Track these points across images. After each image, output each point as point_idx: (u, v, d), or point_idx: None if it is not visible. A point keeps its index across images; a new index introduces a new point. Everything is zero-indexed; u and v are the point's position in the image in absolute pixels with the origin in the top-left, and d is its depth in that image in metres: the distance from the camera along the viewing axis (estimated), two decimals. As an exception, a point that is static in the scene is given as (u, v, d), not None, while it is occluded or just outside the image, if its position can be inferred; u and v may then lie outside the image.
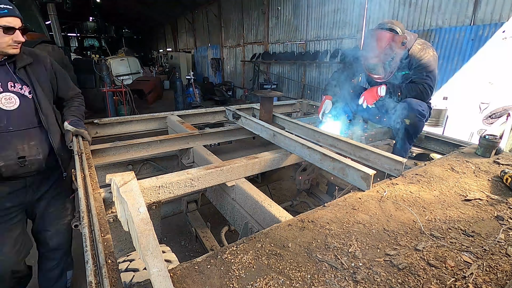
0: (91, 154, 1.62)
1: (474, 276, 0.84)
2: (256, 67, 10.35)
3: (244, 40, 11.55)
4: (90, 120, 2.35)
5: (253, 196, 1.44)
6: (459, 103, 4.93)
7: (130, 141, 1.95)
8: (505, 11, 4.23)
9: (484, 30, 4.47)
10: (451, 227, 1.07)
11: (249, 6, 10.66)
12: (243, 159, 1.63)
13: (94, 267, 0.78)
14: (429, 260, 0.90)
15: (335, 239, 1.00)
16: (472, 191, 1.33)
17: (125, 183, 1.13)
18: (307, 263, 0.89)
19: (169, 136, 2.11)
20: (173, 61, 16.03)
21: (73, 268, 2.09)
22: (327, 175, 2.33)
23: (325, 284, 0.81)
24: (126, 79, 11.10)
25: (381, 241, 1.00)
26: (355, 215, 1.15)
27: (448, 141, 2.05)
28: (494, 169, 1.56)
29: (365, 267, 0.87)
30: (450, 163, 1.64)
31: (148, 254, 0.80)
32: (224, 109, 2.81)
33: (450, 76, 5.06)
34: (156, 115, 2.68)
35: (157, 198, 1.36)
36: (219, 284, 0.80)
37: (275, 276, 0.83)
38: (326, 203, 1.25)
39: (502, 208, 1.20)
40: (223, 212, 1.82)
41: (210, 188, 1.83)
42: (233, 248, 0.95)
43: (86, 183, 1.23)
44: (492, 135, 1.72)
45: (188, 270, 0.85)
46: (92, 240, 0.89)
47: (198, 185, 1.47)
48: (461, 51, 4.83)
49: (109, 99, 7.39)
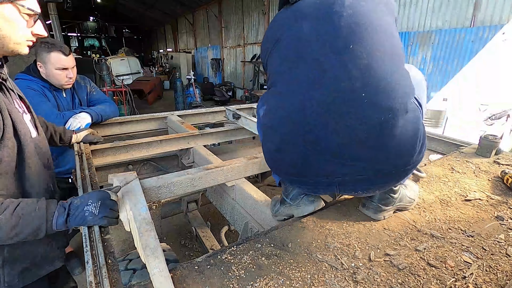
0: (91, 154, 1.62)
1: (474, 276, 0.84)
2: (256, 67, 10.36)
3: (245, 41, 11.56)
4: (90, 120, 2.35)
5: (253, 196, 1.44)
6: (459, 104, 4.93)
7: (130, 141, 1.95)
8: (505, 13, 4.24)
9: (484, 32, 4.47)
10: (451, 227, 1.07)
11: (249, 7, 10.67)
12: (243, 159, 1.63)
13: (94, 267, 0.78)
14: (429, 260, 0.90)
15: (335, 239, 1.00)
16: (472, 191, 1.33)
17: (127, 183, 1.13)
18: (307, 263, 0.89)
19: (169, 136, 2.11)
20: (173, 61, 16.04)
21: None
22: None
23: (325, 284, 0.81)
24: (126, 79, 11.10)
25: (381, 241, 1.00)
26: (355, 215, 1.15)
27: (448, 141, 2.05)
28: (494, 169, 1.56)
29: (365, 267, 0.87)
30: (450, 163, 1.64)
31: (149, 254, 0.80)
32: (224, 109, 2.81)
33: (450, 78, 5.07)
34: (156, 115, 2.68)
35: (157, 198, 1.36)
36: (219, 284, 0.80)
37: (275, 276, 0.83)
38: (326, 203, 1.25)
39: (502, 208, 1.20)
40: (223, 212, 1.82)
41: (210, 188, 1.82)
42: (233, 248, 0.95)
43: (86, 183, 1.23)
44: (492, 135, 1.72)
45: (188, 270, 0.85)
46: (92, 240, 0.89)
47: (198, 185, 1.47)
48: (461, 52, 4.83)
49: (109, 99, 7.39)
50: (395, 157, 0.91)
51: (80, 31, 24.05)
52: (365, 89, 0.84)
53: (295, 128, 0.94)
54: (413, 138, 0.91)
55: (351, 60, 0.85)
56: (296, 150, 0.95)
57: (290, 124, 0.95)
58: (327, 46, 0.89)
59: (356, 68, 0.85)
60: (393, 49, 0.90)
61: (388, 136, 0.87)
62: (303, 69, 0.92)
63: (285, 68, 0.97)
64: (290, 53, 0.96)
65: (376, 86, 0.85)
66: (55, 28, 8.22)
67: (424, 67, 5.44)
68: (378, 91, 0.84)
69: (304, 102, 0.90)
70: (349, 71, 0.85)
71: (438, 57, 5.18)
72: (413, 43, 5.53)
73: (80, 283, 2.39)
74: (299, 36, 0.94)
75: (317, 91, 0.89)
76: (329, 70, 0.88)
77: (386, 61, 0.87)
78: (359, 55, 0.85)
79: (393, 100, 0.85)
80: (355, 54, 0.85)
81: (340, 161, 0.91)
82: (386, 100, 0.85)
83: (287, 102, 0.95)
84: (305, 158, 0.95)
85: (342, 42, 0.87)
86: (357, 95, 0.85)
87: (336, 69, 0.87)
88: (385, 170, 0.93)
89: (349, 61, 0.86)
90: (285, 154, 0.99)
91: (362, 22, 0.87)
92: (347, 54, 0.86)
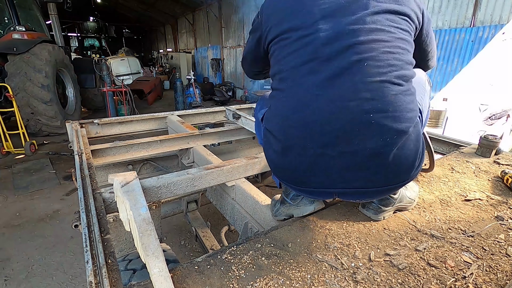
0: (91, 154, 1.62)
1: (474, 276, 0.84)
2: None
3: (245, 41, 11.55)
4: (90, 120, 2.35)
5: (253, 196, 1.44)
6: (459, 104, 4.93)
7: (130, 141, 1.95)
8: (505, 13, 4.24)
9: (484, 31, 4.47)
10: (451, 227, 1.07)
11: (249, 7, 10.66)
12: (243, 159, 1.63)
13: (94, 267, 0.78)
14: (429, 260, 0.90)
15: (335, 239, 1.00)
16: (472, 191, 1.33)
17: (127, 183, 1.13)
18: (307, 263, 0.89)
19: (169, 136, 2.11)
20: (173, 61, 16.04)
21: None
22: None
23: (325, 284, 0.81)
24: (126, 79, 11.10)
25: (381, 241, 1.00)
26: (355, 215, 1.15)
27: (448, 141, 2.05)
28: (494, 169, 1.56)
29: (365, 267, 0.87)
30: (450, 163, 1.64)
31: (149, 255, 0.80)
32: (224, 109, 2.81)
33: (450, 78, 5.07)
34: (156, 115, 2.68)
35: (157, 198, 1.36)
36: (219, 284, 0.80)
37: (275, 276, 0.83)
38: (326, 203, 1.25)
39: (502, 208, 1.20)
40: (223, 212, 1.82)
41: (210, 188, 1.82)
42: (233, 248, 0.95)
43: (86, 183, 1.23)
44: (492, 135, 1.72)
45: (188, 270, 0.85)
46: (92, 240, 0.89)
47: (198, 185, 1.47)
48: (461, 52, 4.83)
49: (109, 99, 7.39)
50: (394, 177, 0.93)
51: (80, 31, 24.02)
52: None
53: (303, 134, 0.91)
54: (414, 156, 0.91)
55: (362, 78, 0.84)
56: (302, 158, 0.93)
57: (299, 130, 0.91)
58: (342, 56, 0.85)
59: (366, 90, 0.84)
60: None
61: (389, 158, 0.87)
62: (316, 74, 0.88)
63: (299, 68, 0.91)
64: (305, 53, 0.90)
65: (385, 109, 0.84)
66: (55, 28, 8.23)
67: (424, 67, 5.44)
68: (387, 115, 0.84)
69: (315, 111, 0.88)
70: (359, 91, 0.84)
71: (438, 57, 5.18)
72: (413, 43, 5.52)
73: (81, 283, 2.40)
74: (316, 37, 0.88)
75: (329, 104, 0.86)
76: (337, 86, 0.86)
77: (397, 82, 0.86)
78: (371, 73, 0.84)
79: (399, 123, 0.85)
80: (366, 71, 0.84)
81: (341, 177, 0.92)
82: (393, 123, 0.84)
83: (297, 108, 0.91)
84: (310, 167, 0.93)
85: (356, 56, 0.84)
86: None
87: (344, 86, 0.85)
88: (384, 187, 0.95)
89: (359, 80, 0.84)
90: (290, 159, 0.96)
91: (381, 39, 0.86)
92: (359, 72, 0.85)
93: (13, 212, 3.47)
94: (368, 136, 0.85)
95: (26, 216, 3.39)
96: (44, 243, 2.90)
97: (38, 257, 2.71)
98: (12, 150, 5.27)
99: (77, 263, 2.64)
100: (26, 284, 2.40)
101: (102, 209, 1.07)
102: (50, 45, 6.44)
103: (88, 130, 2.32)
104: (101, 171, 2.01)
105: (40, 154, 5.33)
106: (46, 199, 3.79)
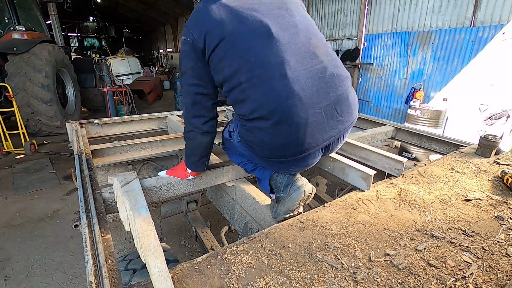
0: (91, 154, 1.62)
1: (474, 276, 0.84)
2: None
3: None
4: (90, 120, 2.35)
5: (253, 196, 1.44)
6: (459, 104, 4.93)
7: (130, 141, 1.95)
8: (505, 13, 4.24)
9: (484, 32, 4.47)
10: (451, 227, 1.07)
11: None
12: (243, 159, 1.62)
13: (94, 267, 0.78)
14: (429, 260, 0.90)
15: (335, 239, 1.00)
16: (472, 191, 1.33)
17: (127, 183, 1.13)
18: (307, 263, 0.89)
19: (169, 136, 2.11)
20: (173, 61, 16.04)
21: None
22: (327, 175, 2.33)
23: (325, 284, 0.81)
24: (126, 79, 11.09)
25: (381, 241, 1.00)
26: (355, 215, 1.15)
27: (448, 141, 2.05)
28: (494, 169, 1.56)
29: (365, 267, 0.87)
30: (450, 163, 1.64)
31: (149, 255, 0.80)
32: (224, 109, 2.81)
33: (450, 78, 5.07)
34: (156, 115, 2.68)
35: (157, 198, 1.36)
36: (219, 284, 0.80)
37: (275, 276, 0.83)
38: (326, 203, 1.25)
39: (502, 208, 1.20)
40: (223, 212, 1.82)
41: (210, 188, 1.82)
42: (233, 248, 0.95)
43: (86, 183, 1.23)
44: (492, 135, 1.72)
45: (188, 270, 0.85)
46: (92, 240, 0.89)
47: (198, 185, 1.47)
48: (461, 52, 4.83)
49: (109, 99, 7.39)
50: (354, 113, 1.18)
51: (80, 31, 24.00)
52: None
53: (293, 102, 1.04)
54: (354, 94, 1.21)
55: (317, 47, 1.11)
56: (299, 121, 1.05)
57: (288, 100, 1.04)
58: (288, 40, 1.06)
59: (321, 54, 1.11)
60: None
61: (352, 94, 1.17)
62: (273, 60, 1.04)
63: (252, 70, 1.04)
64: (249, 54, 1.04)
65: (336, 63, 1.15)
66: (55, 28, 8.23)
67: (424, 67, 5.44)
68: (338, 65, 1.15)
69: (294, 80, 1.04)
70: (318, 56, 1.09)
71: (438, 57, 5.18)
72: (413, 43, 5.53)
73: (81, 283, 2.40)
74: (256, 31, 1.05)
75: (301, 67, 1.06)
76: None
77: (328, 46, 1.17)
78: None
79: (344, 71, 1.17)
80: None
81: (328, 126, 1.10)
82: (343, 71, 1.16)
83: (272, 93, 1.04)
84: (304, 129, 1.06)
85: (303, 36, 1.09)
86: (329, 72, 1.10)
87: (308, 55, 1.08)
88: (352, 124, 1.19)
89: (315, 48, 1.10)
90: (284, 128, 1.05)
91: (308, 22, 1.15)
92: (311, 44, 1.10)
93: (13, 212, 3.47)
94: (338, 85, 1.11)
95: (26, 216, 3.39)
96: (44, 243, 2.90)
97: (38, 257, 2.71)
98: (12, 150, 5.27)
99: (77, 263, 2.64)
100: (26, 284, 2.40)
101: (102, 209, 1.07)
102: (50, 45, 6.43)
103: (88, 130, 2.32)
104: (101, 171, 2.00)
105: (40, 154, 5.33)
106: (46, 199, 3.79)
